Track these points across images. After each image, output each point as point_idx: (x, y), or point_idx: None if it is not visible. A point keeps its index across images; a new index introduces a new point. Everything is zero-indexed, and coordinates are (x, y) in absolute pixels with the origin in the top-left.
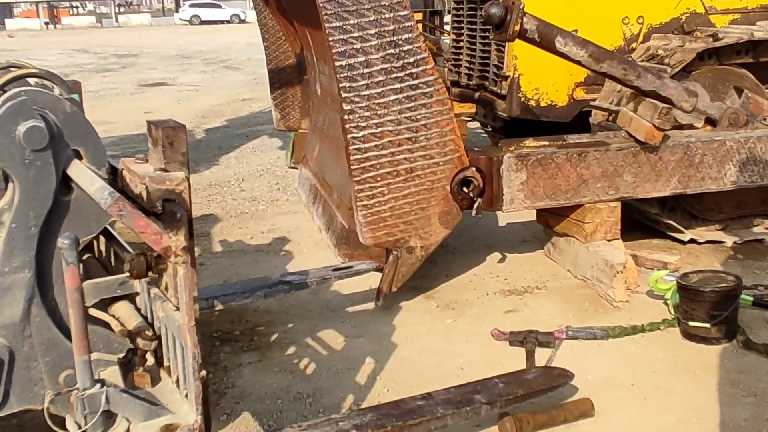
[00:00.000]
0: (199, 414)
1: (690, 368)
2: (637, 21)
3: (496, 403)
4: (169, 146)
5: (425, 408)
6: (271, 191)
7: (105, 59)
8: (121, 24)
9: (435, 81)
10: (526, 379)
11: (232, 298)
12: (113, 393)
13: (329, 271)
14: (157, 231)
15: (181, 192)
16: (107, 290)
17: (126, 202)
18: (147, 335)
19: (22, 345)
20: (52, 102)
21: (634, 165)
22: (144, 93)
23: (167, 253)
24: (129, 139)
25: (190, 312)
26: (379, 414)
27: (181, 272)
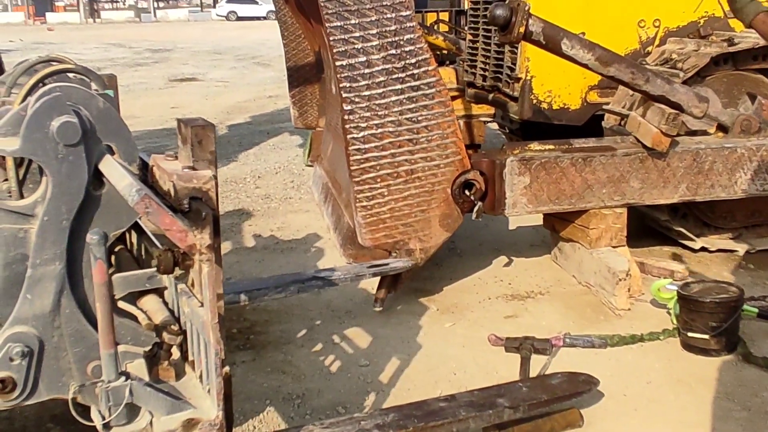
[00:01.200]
0: (221, 410)
1: (686, 380)
2: (654, 24)
3: (519, 407)
4: (198, 144)
5: (447, 410)
6: (285, 189)
7: (139, 54)
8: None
9: (436, 82)
10: (550, 384)
11: (264, 292)
12: (137, 386)
13: (364, 268)
14: (182, 229)
15: (207, 190)
16: (136, 284)
17: (153, 200)
18: (173, 330)
19: (51, 335)
20: (86, 98)
21: (641, 171)
22: (173, 88)
23: (192, 251)
24: (152, 134)
25: (214, 309)
26: (401, 414)
27: (206, 270)
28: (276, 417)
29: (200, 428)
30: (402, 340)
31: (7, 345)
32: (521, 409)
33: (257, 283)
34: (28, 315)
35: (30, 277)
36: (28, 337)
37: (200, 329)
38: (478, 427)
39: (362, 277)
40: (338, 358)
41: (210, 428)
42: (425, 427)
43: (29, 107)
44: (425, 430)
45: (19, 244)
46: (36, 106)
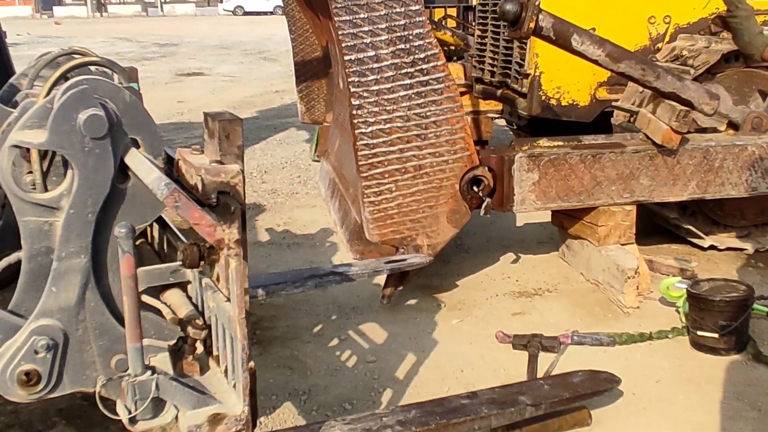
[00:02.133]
0: (246, 405)
1: (695, 379)
2: (664, 20)
3: (541, 405)
4: (226, 139)
5: (469, 407)
6: (292, 184)
7: (146, 48)
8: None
9: (445, 77)
10: (572, 382)
11: (282, 287)
12: (163, 380)
13: (381, 263)
14: (211, 223)
15: (235, 185)
16: (160, 277)
17: (182, 194)
18: (197, 324)
19: (76, 328)
20: (112, 91)
21: (650, 168)
22: (180, 83)
23: (220, 246)
24: (159, 128)
25: (241, 304)
26: (422, 411)
27: (233, 264)
28: (282, 413)
29: (226, 423)
30: (409, 337)
31: (32, 338)
32: (543, 406)
33: (274, 277)
34: (53, 308)
35: (55, 270)
36: (53, 330)
37: (226, 324)
38: (500, 424)
39: (380, 272)
40: (345, 354)
41: (236, 423)
42: (447, 423)
43: (56, 100)
44: (447, 427)
45: (44, 236)
46: (63, 99)
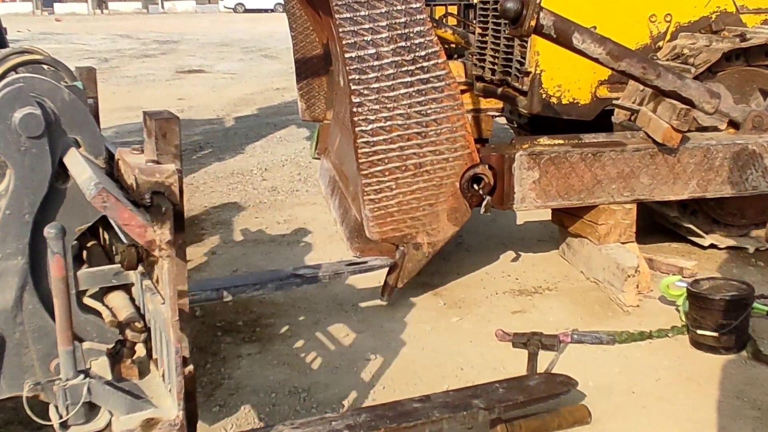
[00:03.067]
0: (181, 409)
1: (695, 378)
2: (665, 19)
3: (494, 408)
4: (162, 138)
5: (421, 411)
6: (292, 181)
7: (146, 45)
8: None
9: (446, 75)
10: (527, 385)
11: (243, 289)
12: (96, 384)
13: (343, 266)
14: (141, 224)
15: (170, 185)
16: (102, 279)
17: (110, 194)
18: (137, 327)
19: (13, 332)
20: (50, 89)
21: (651, 167)
22: (180, 80)
23: (151, 247)
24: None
25: (174, 306)
26: (373, 415)
27: (166, 266)
28: (282, 410)
29: (160, 428)
30: (409, 335)
31: None
32: (496, 410)
33: (236, 279)
34: None
35: None
36: None
37: (162, 327)
38: (453, 428)
39: (341, 275)
40: (344, 351)
41: (170, 428)
42: (397, 428)
43: None
44: (397, 431)
45: None
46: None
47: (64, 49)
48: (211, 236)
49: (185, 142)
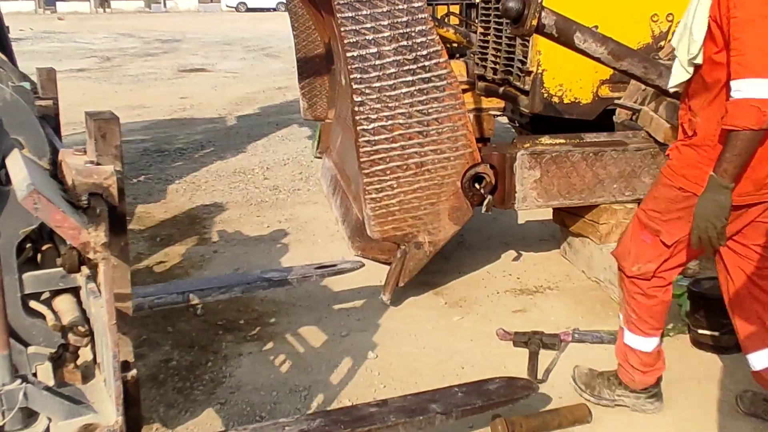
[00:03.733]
0: (120, 415)
1: (695, 377)
2: (667, 18)
3: (451, 413)
4: (101, 138)
5: (377, 415)
6: (294, 180)
7: (148, 44)
8: (168, 9)
9: (448, 75)
10: (486, 389)
11: (209, 293)
12: (32, 390)
13: (311, 269)
14: (74, 226)
15: (108, 186)
16: (48, 283)
17: (42, 195)
18: (80, 331)
19: None
20: None
21: (653, 166)
22: (182, 78)
23: (86, 249)
24: (161, 124)
25: (111, 309)
26: (328, 420)
27: (102, 268)
28: (283, 408)
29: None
30: (410, 334)
31: None
32: (454, 414)
33: (202, 282)
34: None
35: None
36: None
37: (101, 330)
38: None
39: (309, 278)
40: (346, 350)
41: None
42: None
43: None
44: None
45: None
46: None
47: (66, 47)
48: (212, 235)
49: (187, 141)
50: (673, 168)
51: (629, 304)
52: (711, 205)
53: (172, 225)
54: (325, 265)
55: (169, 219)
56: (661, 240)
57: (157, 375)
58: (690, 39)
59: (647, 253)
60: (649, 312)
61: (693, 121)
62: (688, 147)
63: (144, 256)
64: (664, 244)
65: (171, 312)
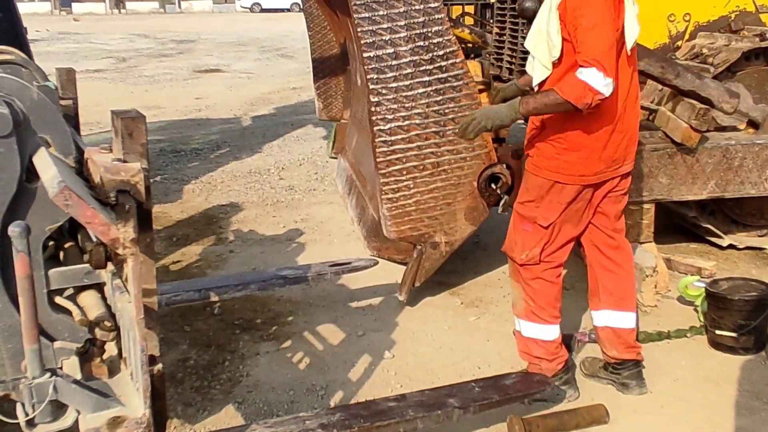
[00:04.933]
0: (148, 408)
1: (713, 378)
2: (684, 18)
3: (469, 407)
4: (128, 137)
5: (395, 410)
6: (309, 181)
7: (163, 44)
8: (183, 10)
9: (464, 75)
10: (503, 384)
11: (225, 290)
12: (62, 383)
13: (326, 267)
14: (104, 222)
15: (135, 183)
16: (73, 279)
17: (73, 192)
18: (106, 326)
19: None
20: (19, 89)
21: (669, 166)
22: (198, 79)
23: (115, 245)
24: (177, 124)
25: (139, 304)
26: (347, 414)
27: (131, 264)
28: (300, 407)
29: (126, 426)
30: (426, 334)
31: None
32: (471, 409)
33: (219, 280)
34: None
35: None
36: None
37: (128, 325)
38: (427, 427)
39: (324, 275)
40: (362, 350)
41: (136, 426)
42: (371, 427)
43: None
44: (371, 430)
45: None
46: None
47: (82, 48)
48: (228, 235)
49: (203, 141)
50: (535, 163)
51: (526, 292)
52: (494, 111)
53: (189, 225)
54: (340, 262)
55: (185, 219)
56: (539, 224)
57: (175, 374)
58: (550, 43)
59: (530, 240)
60: (546, 298)
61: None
62: (544, 143)
63: (161, 256)
64: (542, 227)
65: (188, 311)
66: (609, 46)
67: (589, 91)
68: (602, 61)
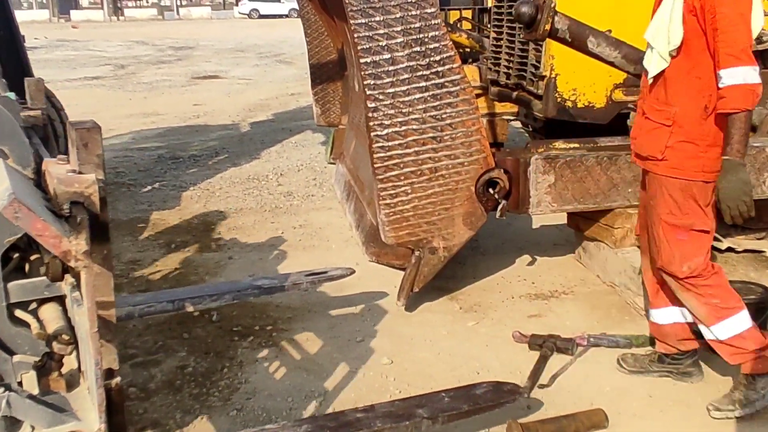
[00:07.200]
0: (103, 422)
1: (712, 382)
2: None
3: (438, 418)
4: (83, 147)
5: (363, 421)
6: (308, 186)
7: (162, 51)
8: (181, 17)
9: (461, 80)
10: (473, 394)
11: (199, 301)
12: (15, 398)
13: (302, 276)
14: (55, 234)
15: (89, 195)
16: (33, 292)
17: (23, 205)
18: (64, 339)
19: None
20: None
21: None
22: (196, 85)
23: (67, 257)
24: (176, 131)
25: (93, 317)
26: (315, 426)
27: (83, 276)
28: (299, 414)
29: None
30: (425, 339)
31: None
32: (440, 419)
33: (193, 291)
34: None
35: None
36: None
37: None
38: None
39: (299, 285)
40: (360, 356)
41: None
42: None
43: None
44: None
45: None
46: None
47: (81, 55)
48: (227, 241)
49: (201, 148)
50: (675, 165)
51: (705, 295)
52: (736, 184)
53: (187, 232)
54: (317, 272)
55: (183, 226)
56: (698, 230)
57: (174, 381)
58: (670, 32)
59: (689, 249)
60: (724, 286)
61: (669, 111)
62: (685, 143)
63: (159, 263)
64: (701, 232)
65: (187, 318)
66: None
67: (751, 91)
68: (749, 53)
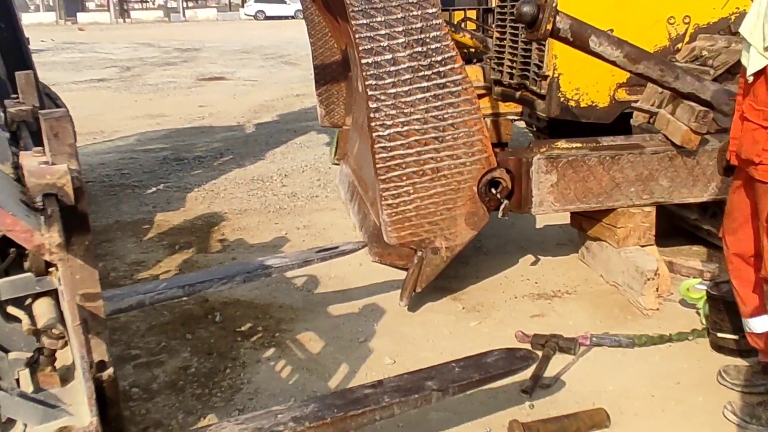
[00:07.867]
0: (95, 416)
1: (715, 381)
2: (683, 21)
3: (448, 389)
4: (54, 138)
5: (371, 397)
6: (312, 187)
7: (168, 53)
8: (187, 18)
9: (463, 80)
10: (484, 362)
11: (210, 284)
12: (4, 397)
13: (312, 253)
14: (26, 229)
15: (62, 186)
16: (24, 287)
17: None
18: (53, 334)
19: None
20: None
21: (670, 169)
22: (201, 87)
23: (41, 251)
24: (181, 133)
25: (74, 310)
26: (321, 405)
27: (61, 269)
28: None
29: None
30: (427, 339)
31: None
32: (450, 390)
33: (203, 275)
34: None
35: None
36: None
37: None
38: (404, 413)
39: (310, 262)
40: (363, 356)
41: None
42: (345, 416)
43: None
44: (345, 419)
45: None
46: None
47: (87, 57)
48: (231, 242)
49: (206, 149)
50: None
51: None
52: None
53: (191, 233)
54: (327, 248)
55: (187, 227)
56: None
57: (176, 382)
58: (765, 27)
59: None
60: None
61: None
62: None
63: (163, 264)
64: None
65: (190, 319)
66: None
67: None
68: None
